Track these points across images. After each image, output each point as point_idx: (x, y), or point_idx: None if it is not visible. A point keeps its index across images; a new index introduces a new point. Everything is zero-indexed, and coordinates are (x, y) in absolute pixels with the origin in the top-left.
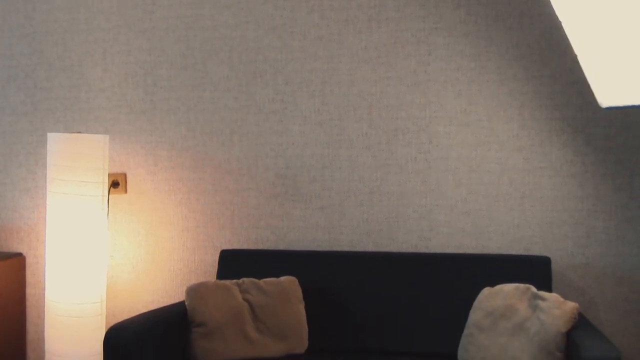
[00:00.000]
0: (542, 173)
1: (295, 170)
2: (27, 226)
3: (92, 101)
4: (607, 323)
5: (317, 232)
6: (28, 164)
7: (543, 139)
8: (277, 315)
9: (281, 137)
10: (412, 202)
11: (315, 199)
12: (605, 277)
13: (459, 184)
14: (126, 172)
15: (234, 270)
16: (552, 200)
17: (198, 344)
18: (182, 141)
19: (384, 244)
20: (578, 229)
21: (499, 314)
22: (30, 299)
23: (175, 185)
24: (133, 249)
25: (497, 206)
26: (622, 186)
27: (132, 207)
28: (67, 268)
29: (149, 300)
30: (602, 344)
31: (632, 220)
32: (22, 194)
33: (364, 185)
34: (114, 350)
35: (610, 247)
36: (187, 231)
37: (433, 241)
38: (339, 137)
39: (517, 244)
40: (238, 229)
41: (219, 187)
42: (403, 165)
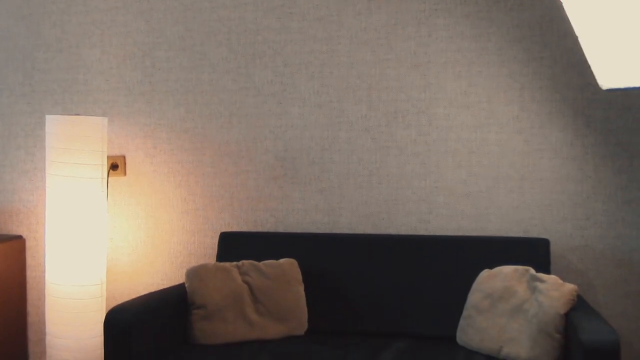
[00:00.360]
0: (542, 155)
1: (294, 152)
2: (27, 209)
3: (90, 83)
4: (606, 305)
5: (316, 215)
6: (26, 146)
7: (543, 120)
8: (277, 298)
9: (280, 119)
10: (412, 185)
11: (315, 182)
12: (605, 259)
13: (459, 166)
14: (125, 155)
15: (233, 253)
16: (551, 182)
17: (198, 326)
18: (181, 123)
19: (383, 226)
20: (577, 211)
21: (498, 296)
22: (31, 282)
23: (174, 167)
24: (132, 232)
25: (496, 188)
26: (622, 168)
27: (131, 190)
28: (67, 250)
29: (149, 282)
30: (600, 326)
31: (632, 202)
32: (21, 176)
33: (363, 167)
34: (114, 332)
35: (610, 229)
36: (187, 214)
37: (432, 223)
38: (338, 120)
39: (517, 226)
40: (237, 212)
41: (218, 169)
42: (402, 147)
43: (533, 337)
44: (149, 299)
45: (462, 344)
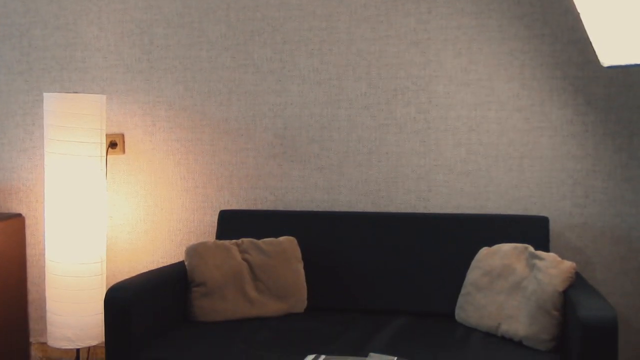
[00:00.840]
0: (542, 133)
1: (293, 130)
2: (26, 187)
3: (88, 60)
4: (604, 282)
5: (315, 193)
6: (25, 124)
7: (543, 98)
8: (277, 275)
9: (279, 97)
10: (411, 162)
11: (314, 159)
12: (603, 236)
13: (458, 144)
14: (124, 133)
15: (233, 231)
16: (551, 160)
17: (198, 304)
18: (180, 101)
19: (383, 204)
20: (577, 189)
21: (497, 274)
22: (31, 260)
23: (173, 145)
24: (132, 210)
25: (496, 166)
26: (622, 146)
27: (130, 168)
28: (66, 229)
29: (149, 260)
30: (598, 303)
31: (632, 180)
32: (20, 154)
33: (362, 145)
34: (114, 310)
35: (609, 206)
36: (186, 192)
37: (432, 201)
38: (337, 97)
39: (516, 204)
40: (237, 190)
41: (217, 147)
42: (402, 125)
43: (531, 314)
44: (149, 276)
45: (461, 321)
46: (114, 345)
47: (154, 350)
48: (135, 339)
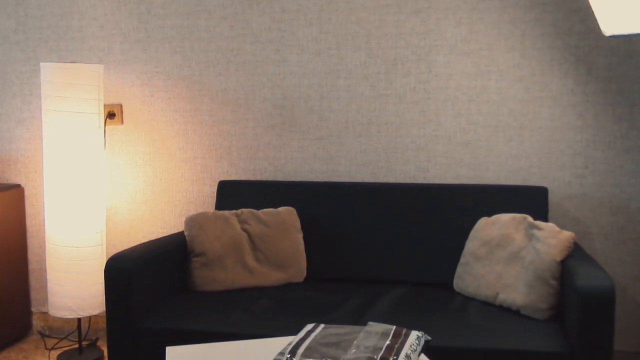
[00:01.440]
0: (542, 103)
1: (292, 100)
2: (25, 157)
3: (85, 30)
4: (602, 252)
5: (315, 163)
6: (22, 94)
7: (544, 68)
8: (276, 245)
9: (278, 67)
10: (411, 133)
11: (313, 130)
12: (602, 207)
13: (458, 115)
14: (122, 103)
15: (232, 201)
16: (551, 131)
17: (198, 273)
18: (178, 71)
19: (382, 174)
20: (576, 159)
21: (495, 244)
22: (31, 230)
23: (172, 116)
24: (131, 181)
25: (495, 137)
26: (623, 116)
27: (129, 139)
28: (66, 199)
29: (148, 231)
30: (596, 273)
31: (631, 151)
32: (18, 124)
33: (362, 115)
34: (115, 279)
35: (608, 177)
36: (185, 162)
37: (431, 172)
38: (336, 67)
39: (515, 175)
40: (236, 160)
41: (216, 118)
42: (402, 95)
43: (529, 283)
44: (149, 247)
45: (459, 291)
46: (114, 315)
47: (154, 319)
48: (135, 308)
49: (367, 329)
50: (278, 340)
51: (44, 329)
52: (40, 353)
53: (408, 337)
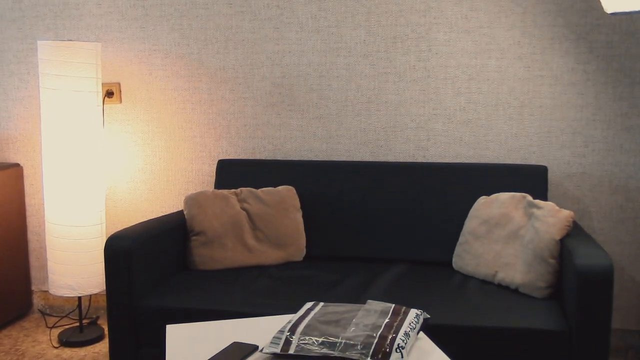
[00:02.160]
0: (543, 82)
1: (291, 79)
2: (23, 136)
3: (82, 7)
4: (601, 231)
5: (314, 142)
6: (20, 73)
7: (545, 46)
8: (275, 224)
9: (277, 45)
10: (410, 112)
11: (313, 109)
12: (601, 185)
13: (458, 93)
14: (120, 82)
15: (231, 181)
16: (551, 109)
17: (197, 252)
18: (176, 49)
19: (381, 153)
20: (576, 138)
21: (494, 222)
22: (30, 209)
23: (170, 94)
24: (130, 160)
25: (495, 115)
26: (623, 94)
27: (127, 117)
28: (65, 178)
29: (148, 210)
30: (594, 251)
31: (631, 129)
32: (16, 103)
33: (361, 94)
34: (114, 258)
35: (608, 156)
36: (184, 141)
37: (430, 151)
38: (336, 45)
39: (515, 154)
40: (235, 139)
41: (214, 96)
42: (401, 73)
43: (528, 262)
44: (148, 225)
45: (458, 269)
46: (114, 293)
47: (154, 297)
48: (135, 287)
49: (366, 307)
50: (278, 318)
51: (44, 307)
52: (41, 331)
53: (407, 315)
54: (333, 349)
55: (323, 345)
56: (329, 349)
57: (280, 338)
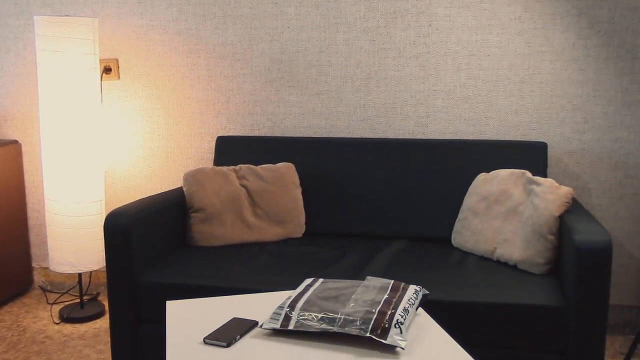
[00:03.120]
0: (543, 57)
1: (290, 55)
2: (21, 113)
3: None
4: (600, 207)
5: (313, 119)
6: (16, 49)
7: (546, 21)
8: (275, 201)
9: (276, 20)
10: (410, 88)
11: (312, 85)
12: (601, 162)
13: (458, 69)
14: (118, 58)
15: (230, 157)
16: (551, 85)
17: (197, 229)
18: (174, 24)
19: (381, 130)
20: (576, 115)
21: (494, 199)
22: (29, 186)
23: (169, 71)
24: (129, 136)
25: (495, 91)
26: (624, 70)
27: (125, 94)
28: (63, 155)
29: (147, 186)
30: (593, 227)
31: (632, 105)
32: (13, 79)
33: (361, 70)
34: (114, 235)
35: (608, 132)
36: (183, 118)
37: (430, 127)
38: (335, 20)
39: (515, 130)
40: (234, 115)
41: (213, 72)
42: (401, 49)
43: (527, 238)
44: (148, 202)
45: (457, 246)
46: (114, 270)
47: (154, 274)
48: (135, 264)
49: (365, 283)
50: (277, 294)
51: (45, 284)
52: (42, 307)
53: (406, 291)
54: (332, 324)
55: (322, 321)
56: (328, 324)
57: (279, 314)
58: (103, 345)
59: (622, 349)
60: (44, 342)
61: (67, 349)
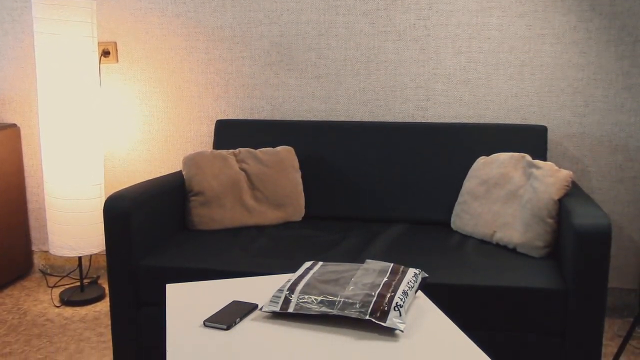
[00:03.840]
0: (544, 40)
1: (290, 38)
2: (20, 97)
3: None
4: (599, 191)
5: (313, 102)
6: (14, 32)
7: (547, 4)
8: (274, 184)
9: (275, 3)
10: (410, 71)
11: (311, 68)
12: (601, 145)
13: (458, 52)
14: (116, 41)
15: (229, 141)
16: (552, 69)
17: (196, 212)
18: (173, 7)
19: (381, 113)
20: (577, 98)
21: (493, 182)
22: (28, 170)
23: (167, 54)
24: (128, 120)
25: (496, 75)
26: (625, 53)
27: (124, 77)
28: (62, 139)
29: (146, 170)
30: (593, 211)
31: (632, 88)
32: (11, 63)
33: (360, 53)
34: (114, 219)
35: (608, 115)
36: (182, 101)
37: (430, 111)
38: (335, 3)
39: (515, 113)
40: (233, 99)
41: (212, 55)
42: (401, 32)
43: (526, 221)
44: (147, 186)
45: (457, 229)
46: (114, 253)
47: (154, 257)
48: (135, 247)
49: (364, 266)
50: (276, 277)
51: (45, 267)
52: (43, 291)
53: (405, 275)
54: (332, 307)
55: (322, 304)
56: (327, 307)
57: (279, 297)
58: (103, 328)
59: (620, 331)
60: (45, 325)
61: (67, 331)
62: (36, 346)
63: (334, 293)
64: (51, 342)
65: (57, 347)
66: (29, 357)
